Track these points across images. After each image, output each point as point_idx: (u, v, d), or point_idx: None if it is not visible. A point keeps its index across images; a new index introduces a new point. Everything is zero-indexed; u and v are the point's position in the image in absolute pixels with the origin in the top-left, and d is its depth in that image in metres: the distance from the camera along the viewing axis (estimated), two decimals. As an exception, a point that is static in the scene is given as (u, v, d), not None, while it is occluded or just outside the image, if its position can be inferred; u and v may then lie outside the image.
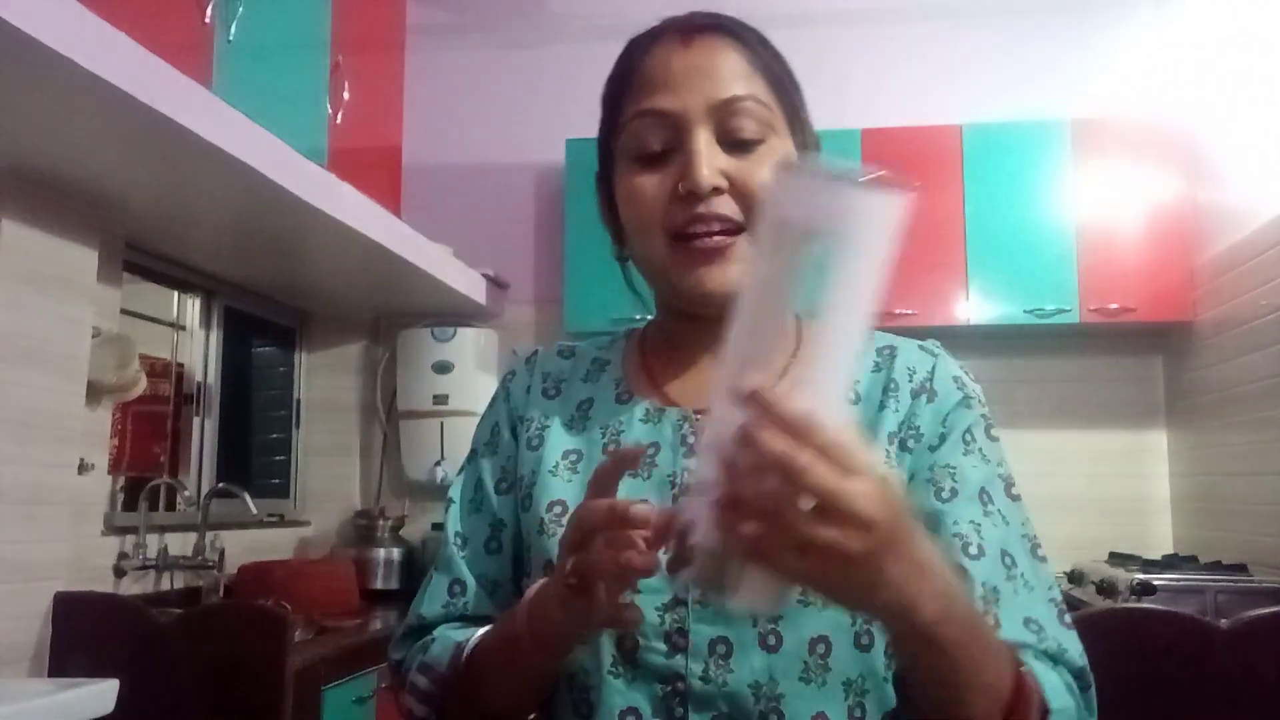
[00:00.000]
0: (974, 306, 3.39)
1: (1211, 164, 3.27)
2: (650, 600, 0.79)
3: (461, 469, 0.97)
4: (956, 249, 3.41)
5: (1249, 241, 2.97)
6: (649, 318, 0.98)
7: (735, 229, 0.83)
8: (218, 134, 1.93)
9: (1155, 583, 2.63)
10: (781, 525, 0.54)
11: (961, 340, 3.66)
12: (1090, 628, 2.06)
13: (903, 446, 0.85)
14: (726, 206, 0.83)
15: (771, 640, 0.77)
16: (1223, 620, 1.93)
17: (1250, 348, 2.96)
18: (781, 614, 0.77)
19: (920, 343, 0.92)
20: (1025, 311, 3.35)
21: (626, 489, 0.79)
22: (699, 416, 0.86)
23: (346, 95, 2.86)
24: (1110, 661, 2.03)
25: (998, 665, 0.69)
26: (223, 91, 2.06)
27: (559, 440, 0.91)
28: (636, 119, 0.85)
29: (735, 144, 0.84)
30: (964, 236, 3.41)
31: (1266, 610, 1.92)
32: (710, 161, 0.82)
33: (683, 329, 0.91)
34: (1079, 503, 3.57)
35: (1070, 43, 3.69)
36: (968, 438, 0.85)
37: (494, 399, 0.99)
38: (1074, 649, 0.79)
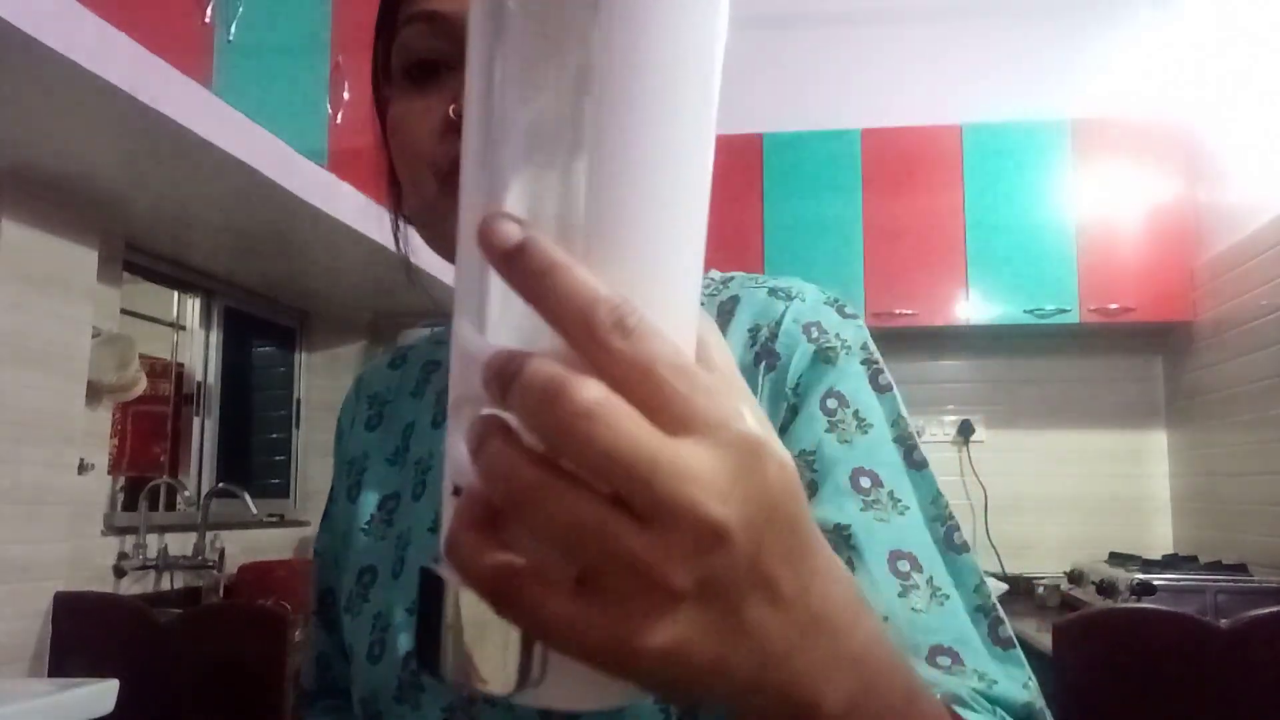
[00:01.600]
0: (974, 306, 3.39)
1: (1211, 164, 3.27)
2: (433, 704, 0.60)
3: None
4: (956, 249, 3.41)
5: (1249, 241, 2.97)
6: None
7: None
8: (218, 134, 1.93)
9: (1155, 583, 2.63)
10: (559, 542, 0.29)
11: (961, 340, 3.67)
12: (1090, 628, 2.08)
13: None
14: None
15: None
16: (1223, 620, 1.94)
17: (1250, 348, 2.96)
18: (621, 712, 0.51)
19: (776, 284, 0.67)
20: (1025, 311, 3.35)
21: (420, 549, 0.64)
22: None
23: (346, 95, 2.86)
24: (1110, 661, 2.04)
25: None
26: (223, 91, 2.06)
27: (377, 483, 0.72)
28: (408, 24, 0.64)
29: None
30: (964, 236, 3.41)
31: (1266, 610, 1.92)
32: None
33: None
34: (1079, 503, 3.57)
35: (1070, 43, 3.69)
36: (829, 404, 0.61)
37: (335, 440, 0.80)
38: (1010, 680, 0.54)
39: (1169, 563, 3.00)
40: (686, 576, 0.29)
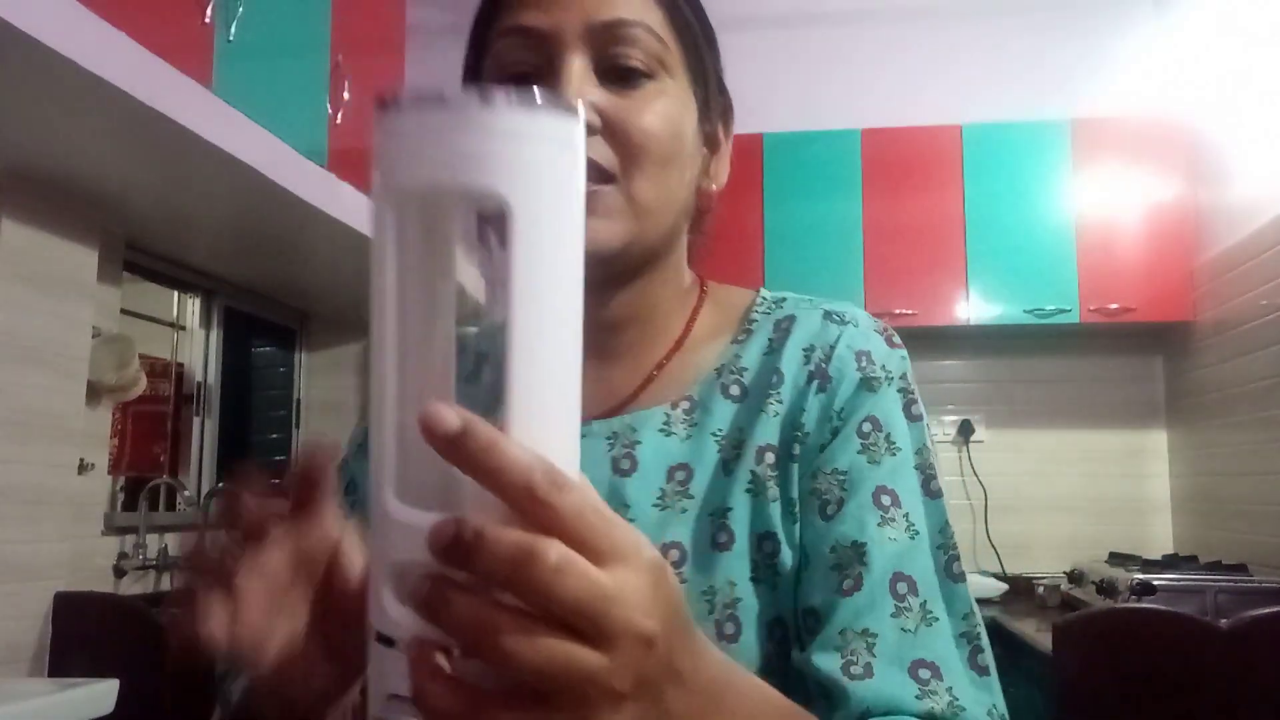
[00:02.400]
0: (974, 306, 3.39)
1: (1211, 164, 3.27)
2: None
3: None
4: (956, 249, 3.41)
5: (1249, 241, 2.97)
6: None
7: (606, 178, 0.66)
8: (218, 134, 1.93)
9: (1155, 583, 2.63)
10: (531, 673, 0.35)
11: (961, 340, 3.67)
12: (1090, 628, 2.08)
13: (787, 456, 0.67)
14: (597, 150, 0.66)
15: None
16: (1223, 620, 1.94)
17: (1250, 348, 2.96)
18: None
19: (830, 307, 0.73)
20: (1025, 311, 3.35)
21: None
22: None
23: (346, 95, 2.86)
24: (1110, 661, 2.04)
25: None
26: (223, 91, 2.06)
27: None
28: (502, 38, 0.69)
29: (616, 76, 0.68)
30: (964, 236, 3.41)
31: (1266, 610, 1.92)
32: (581, 93, 0.66)
33: None
34: (1079, 503, 3.57)
35: (1070, 43, 3.70)
36: (865, 428, 0.67)
37: None
38: (978, 705, 0.60)
39: (1169, 563, 3.00)
40: (627, 680, 0.37)
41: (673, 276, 0.75)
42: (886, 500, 0.65)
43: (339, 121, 2.87)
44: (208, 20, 2.11)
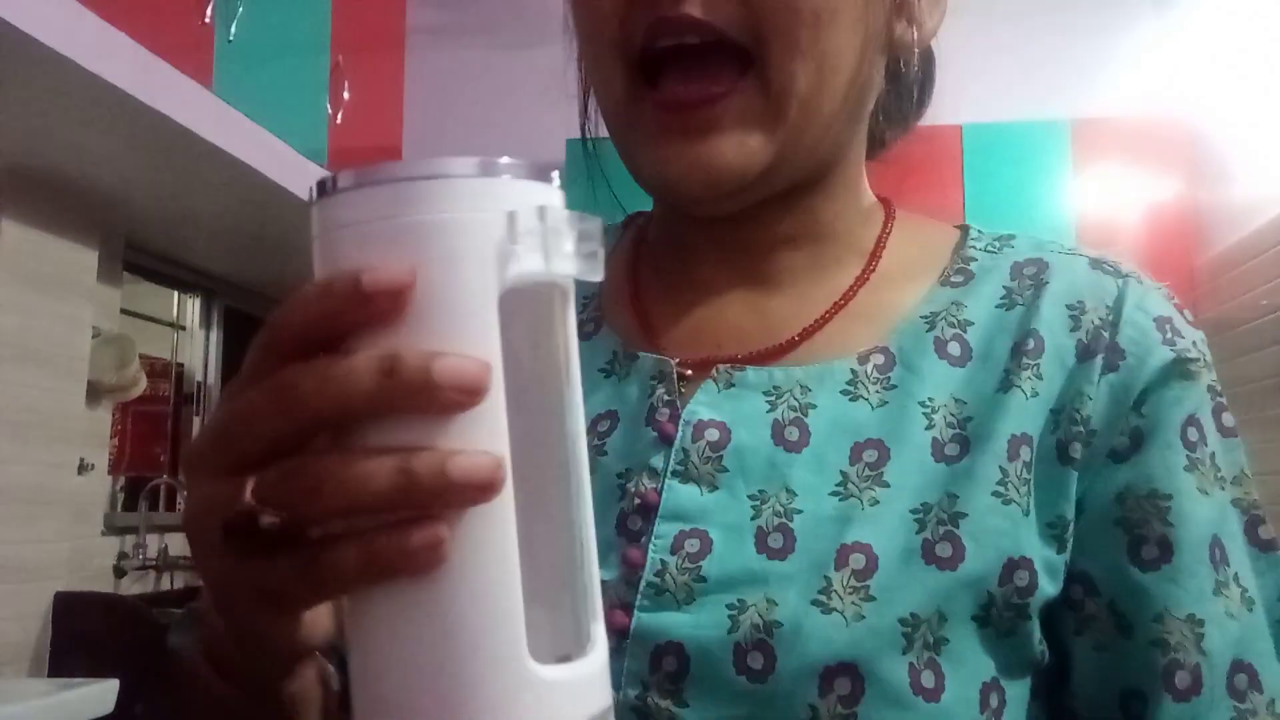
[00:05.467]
0: (974, 306, 3.40)
1: (1212, 163, 3.27)
2: None
3: None
4: (956, 249, 3.42)
5: (1249, 241, 2.97)
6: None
7: (734, 52, 0.47)
8: (218, 134, 1.93)
9: (1155, 583, 2.63)
10: None
11: (961, 340, 3.67)
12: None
13: (1061, 457, 0.48)
14: (716, 9, 0.46)
15: None
16: (1223, 620, 1.93)
17: (1250, 348, 2.96)
18: None
19: (1094, 256, 0.54)
20: (1025, 311, 3.36)
21: None
22: (688, 373, 0.52)
23: (346, 95, 2.86)
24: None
25: None
26: (223, 91, 2.06)
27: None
28: None
29: None
30: (964, 236, 3.42)
31: (1266, 610, 1.92)
32: None
33: (685, 228, 0.56)
34: (1079, 503, 3.58)
35: (1070, 43, 3.69)
36: (1190, 434, 0.48)
37: None
38: None
39: (1169, 563, 3.01)
40: None
41: (852, 183, 0.57)
42: (1218, 554, 0.47)
43: (339, 121, 2.87)
44: (208, 20, 2.11)
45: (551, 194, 0.34)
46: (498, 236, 0.31)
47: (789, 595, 0.45)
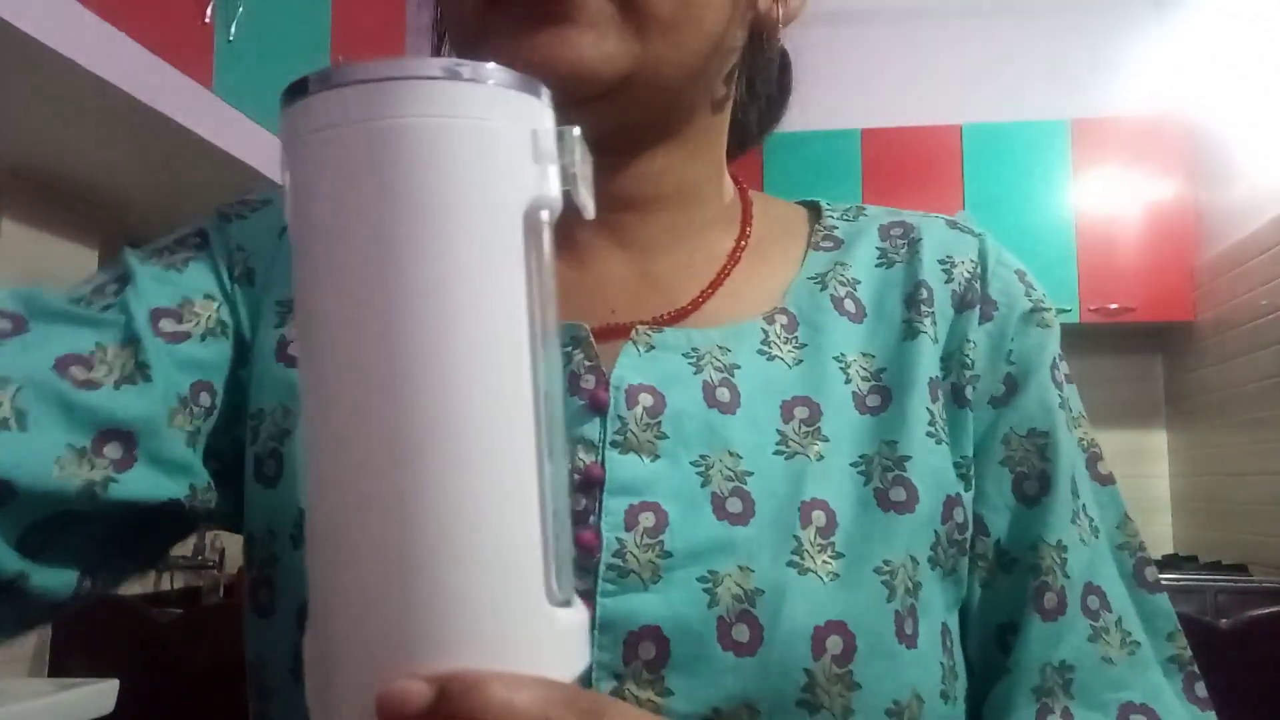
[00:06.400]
0: (974, 306, 3.40)
1: (1211, 164, 3.27)
2: None
3: None
4: (956, 249, 3.42)
5: (1249, 241, 2.97)
6: None
7: None
8: (218, 134, 1.94)
9: (1155, 583, 2.63)
10: None
11: (961, 340, 3.67)
12: (1090, 628, 2.07)
13: (956, 398, 0.51)
14: None
15: None
16: (1223, 620, 1.94)
17: (1250, 348, 2.96)
18: None
19: (946, 218, 0.58)
20: (1025, 311, 3.36)
21: None
22: (592, 338, 0.50)
23: (346, 95, 2.86)
24: (1110, 661, 2.04)
25: None
26: (223, 91, 2.06)
27: None
28: None
29: None
30: (964, 236, 3.42)
31: (1266, 610, 1.92)
32: None
33: None
34: (1079, 503, 3.58)
35: (1070, 43, 3.70)
36: (1058, 376, 0.53)
37: None
38: None
39: (1169, 563, 3.00)
40: None
41: (714, 143, 0.55)
42: (1075, 485, 0.50)
43: (339, 121, 2.86)
44: (208, 20, 2.11)
45: (549, 115, 0.32)
46: (522, 153, 0.30)
47: (762, 560, 0.44)
